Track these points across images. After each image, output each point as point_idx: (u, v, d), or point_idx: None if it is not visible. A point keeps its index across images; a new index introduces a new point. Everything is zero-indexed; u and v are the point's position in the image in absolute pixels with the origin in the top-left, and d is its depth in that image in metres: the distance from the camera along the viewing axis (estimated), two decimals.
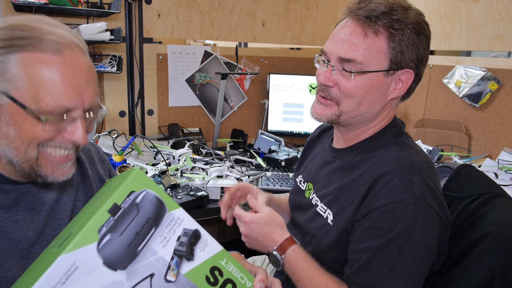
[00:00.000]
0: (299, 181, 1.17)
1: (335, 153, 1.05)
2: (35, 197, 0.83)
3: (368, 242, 0.85)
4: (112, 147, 1.87)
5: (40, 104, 0.69)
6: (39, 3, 1.64)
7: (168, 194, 0.68)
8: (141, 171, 0.66)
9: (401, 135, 0.98)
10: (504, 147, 1.81)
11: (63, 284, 0.57)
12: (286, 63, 2.67)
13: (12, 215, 0.78)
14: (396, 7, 0.88)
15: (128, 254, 0.62)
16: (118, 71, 1.98)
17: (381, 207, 0.84)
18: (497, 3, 1.87)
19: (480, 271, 0.84)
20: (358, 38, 0.89)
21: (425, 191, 0.84)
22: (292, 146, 2.42)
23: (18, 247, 0.78)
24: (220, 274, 0.71)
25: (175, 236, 0.67)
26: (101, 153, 1.03)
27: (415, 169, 0.86)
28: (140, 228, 0.63)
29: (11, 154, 0.73)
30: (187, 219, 0.69)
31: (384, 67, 0.90)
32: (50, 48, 0.70)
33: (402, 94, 0.95)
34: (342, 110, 0.94)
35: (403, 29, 0.88)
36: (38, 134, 0.72)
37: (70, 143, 0.75)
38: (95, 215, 0.61)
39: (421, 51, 0.91)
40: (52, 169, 0.76)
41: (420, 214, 0.82)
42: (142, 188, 0.65)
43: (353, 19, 0.91)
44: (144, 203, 0.65)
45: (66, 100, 0.71)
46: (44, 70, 0.69)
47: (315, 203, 1.04)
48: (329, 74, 0.93)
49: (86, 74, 0.74)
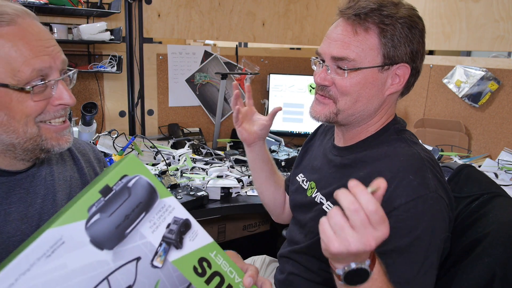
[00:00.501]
0: (301, 181, 1.17)
1: (338, 151, 1.05)
2: (27, 189, 0.83)
3: (392, 243, 0.80)
4: (112, 147, 1.87)
5: (18, 76, 0.71)
6: (39, 3, 1.64)
7: (161, 182, 0.68)
8: (136, 157, 0.66)
9: (404, 132, 0.99)
10: (504, 147, 1.81)
11: (48, 257, 0.58)
12: (286, 63, 2.67)
13: (4, 207, 0.78)
14: (386, 3, 0.90)
15: (116, 235, 0.62)
16: (118, 71, 1.99)
17: (401, 206, 0.82)
18: (497, 3, 1.87)
19: (480, 271, 0.84)
20: (349, 36, 0.90)
21: (438, 185, 0.85)
22: (292, 146, 2.42)
23: (11, 240, 0.78)
24: (208, 265, 0.70)
25: (165, 223, 0.67)
26: (96, 152, 1.04)
27: (426, 164, 0.87)
28: (130, 212, 0.64)
29: (11, 138, 0.74)
30: (179, 207, 0.69)
31: (378, 63, 0.91)
32: (2, 21, 0.71)
33: (400, 89, 0.95)
34: (339, 108, 0.95)
35: (394, 24, 0.89)
36: (31, 108, 0.73)
37: (61, 108, 0.78)
38: (86, 194, 0.61)
39: (415, 45, 0.91)
40: (56, 138, 0.79)
41: (437, 208, 0.83)
42: (135, 173, 0.65)
43: (344, 18, 0.92)
44: (136, 187, 0.65)
45: (40, 62, 0.73)
46: (6, 44, 0.70)
47: (319, 201, 1.03)
48: (325, 74, 0.95)
49: (45, 35, 0.76)
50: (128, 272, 0.63)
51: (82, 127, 1.79)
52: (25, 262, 0.57)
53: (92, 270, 0.61)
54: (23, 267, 0.56)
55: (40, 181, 0.85)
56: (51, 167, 0.88)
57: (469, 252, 0.88)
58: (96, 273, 0.61)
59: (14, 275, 0.56)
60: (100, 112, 2.16)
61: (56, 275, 0.58)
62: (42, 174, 0.86)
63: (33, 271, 0.57)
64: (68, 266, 0.59)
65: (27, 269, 0.57)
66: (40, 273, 0.57)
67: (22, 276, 0.56)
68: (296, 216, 1.16)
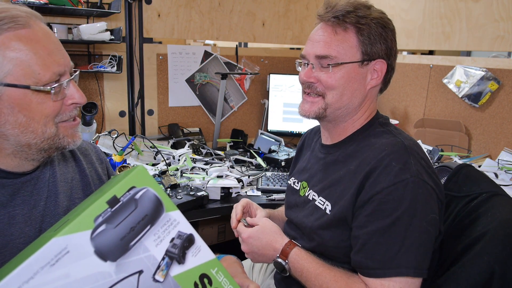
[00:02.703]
0: (292, 183, 1.22)
1: (326, 149, 1.11)
2: (31, 191, 0.83)
3: (375, 224, 0.88)
4: (112, 147, 1.87)
5: (38, 78, 0.72)
6: (39, 3, 1.64)
7: (168, 195, 0.68)
8: (145, 169, 0.67)
9: (388, 125, 1.06)
10: (504, 147, 1.81)
11: (52, 265, 0.57)
12: (286, 63, 2.67)
13: (9, 210, 0.78)
14: (360, 6, 1.00)
15: (120, 247, 0.62)
16: (118, 71, 1.99)
17: (383, 190, 0.88)
18: (497, 3, 1.87)
19: (479, 269, 0.84)
20: (330, 37, 0.99)
21: (421, 170, 0.90)
22: (292, 146, 2.42)
23: (15, 242, 0.78)
24: (209, 282, 0.70)
25: (169, 237, 0.67)
26: (99, 153, 1.04)
27: (408, 151, 0.93)
28: (135, 224, 0.64)
29: (28, 138, 0.75)
30: (184, 222, 0.69)
31: (358, 59, 0.99)
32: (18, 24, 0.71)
33: (378, 83, 1.03)
34: (327, 103, 1.02)
35: (369, 23, 0.98)
36: (50, 109, 0.75)
37: (73, 107, 0.80)
38: (94, 204, 0.61)
39: (389, 43, 1.01)
40: (72, 135, 0.81)
41: (419, 191, 0.88)
42: (143, 185, 0.65)
43: (323, 22, 1.01)
44: (143, 200, 0.65)
45: (57, 65, 0.75)
46: (24, 47, 0.71)
47: (312, 198, 1.08)
48: (310, 71, 1.03)
49: (55, 38, 0.78)
50: (130, 285, 0.63)
51: (82, 127, 1.79)
52: (29, 270, 0.56)
53: (94, 281, 0.60)
54: (27, 275, 0.56)
55: (43, 183, 0.85)
56: (54, 168, 0.88)
57: (468, 250, 0.89)
58: (98, 284, 0.61)
59: (17, 283, 0.55)
60: (100, 112, 2.16)
61: (58, 285, 0.58)
62: (46, 176, 0.86)
63: (36, 279, 0.56)
64: (70, 276, 0.59)
65: (30, 277, 0.56)
66: (43, 282, 0.57)
67: (25, 284, 0.56)
68: (289, 216, 1.19)
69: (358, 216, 0.92)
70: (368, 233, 0.89)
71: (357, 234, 0.91)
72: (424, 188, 0.88)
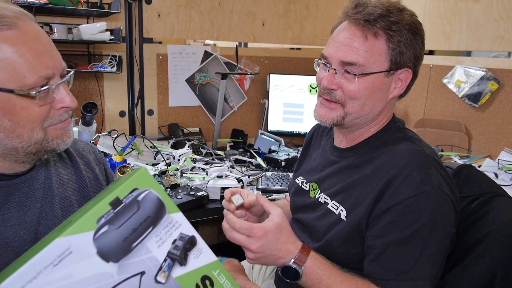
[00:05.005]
0: (300, 182, 1.17)
1: (339, 152, 1.06)
2: (27, 193, 0.81)
3: (392, 235, 0.85)
4: (112, 147, 1.87)
5: (23, 81, 0.69)
6: (39, 3, 1.64)
7: (169, 197, 0.69)
8: (147, 171, 0.67)
9: (406, 131, 1.01)
10: (504, 147, 1.81)
11: (55, 266, 0.58)
12: (286, 63, 2.67)
13: (3, 212, 0.77)
14: (392, 10, 0.91)
15: (122, 248, 0.63)
16: (118, 71, 1.99)
17: (403, 201, 0.85)
18: (497, 3, 1.87)
19: (481, 270, 0.84)
20: (359, 42, 0.91)
21: (442, 181, 0.87)
22: (292, 146, 2.42)
23: (10, 245, 0.76)
24: (210, 284, 0.71)
25: (171, 238, 0.67)
26: (96, 153, 1.02)
27: (429, 161, 0.89)
28: (137, 225, 0.64)
29: (14, 143, 0.73)
30: (186, 224, 0.69)
31: (385, 68, 0.93)
32: (4, 25, 0.68)
33: (401, 92, 0.98)
34: (347, 112, 0.96)
35: (401, 30, 0.91)
36: (36, 114, 0.72)
37: (64, 111, 0.77)
38: (96, 205, 0.62)
39: (417, 50, 0.94)
40: (61, 137, 0.79)
41: (440, 203, 0.85)
42: (146, 187, 0.66)
43: (352, 23, 0.93)
44: (146, 201, 0.65)
45: (45, 68, 0.71)
46: (9, 49, 0.68)
47: (323, 201, 1.03)
48: (332, 77, 0.95)
49: (46, 39, 0.74)
50: (132, 286, 0.64)
51: (82, 127, 1.79)
52: (32, 270, 0.56)
53: (96, 282, 0.61)
54: (30, 275, 0.56)
55: (39, 185, 0.83)
56: (49, 169, 0.87)
57: (470, 251, 0.88)
58: (100, 285, 0.61)
59: (20, 283, 0.56)
60: (100, 112, 2.16)
61: (61, 285, 0.58)
62: (41, 178, 0.84)
63: (39, 279, 0.57)
64: (73, 276, 0.59)
65: (33, 277, 0.56)
66: (46, 282, 0.57)
67: (28, 284, 0.56)
68: (296, 216, 1.16)
69: (375, 225, 0.89)
70: (384, 244, 0.86)
71: (373, 243, 0.88)
72: (444, 200, 0.86)
